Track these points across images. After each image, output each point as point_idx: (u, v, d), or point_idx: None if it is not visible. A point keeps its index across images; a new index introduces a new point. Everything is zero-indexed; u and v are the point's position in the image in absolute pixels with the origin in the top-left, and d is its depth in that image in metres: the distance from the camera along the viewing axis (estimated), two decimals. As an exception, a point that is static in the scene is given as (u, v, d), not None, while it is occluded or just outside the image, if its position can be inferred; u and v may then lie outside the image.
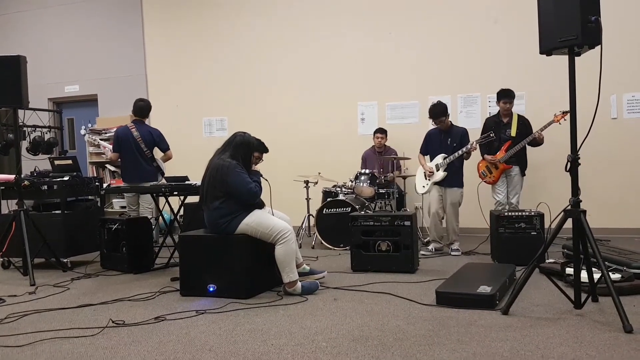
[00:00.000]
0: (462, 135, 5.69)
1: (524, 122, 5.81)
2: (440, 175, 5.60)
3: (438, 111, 5.63)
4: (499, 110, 5.88)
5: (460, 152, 5.51)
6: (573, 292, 3.33)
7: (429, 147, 5.86)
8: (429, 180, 5.70)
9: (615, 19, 6.24)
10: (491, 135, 5.55)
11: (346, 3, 7.58)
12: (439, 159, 5.67)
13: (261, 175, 4.20)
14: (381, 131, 6.88)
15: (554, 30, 3.16)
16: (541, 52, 3.30)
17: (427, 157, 5.89)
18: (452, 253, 5.58)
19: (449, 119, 5.75)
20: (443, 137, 5.72)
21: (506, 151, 5.70)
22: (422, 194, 5.90)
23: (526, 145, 5.72)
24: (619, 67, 6.37)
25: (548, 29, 3.21)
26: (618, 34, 6.30)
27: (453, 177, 5.62)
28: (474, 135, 5.84)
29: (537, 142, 5.69)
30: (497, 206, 5.80)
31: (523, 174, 5.87)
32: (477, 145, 5.55)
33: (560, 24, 3.12)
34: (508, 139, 5.75)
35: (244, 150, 4.09)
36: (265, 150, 4.52)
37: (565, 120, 5.28)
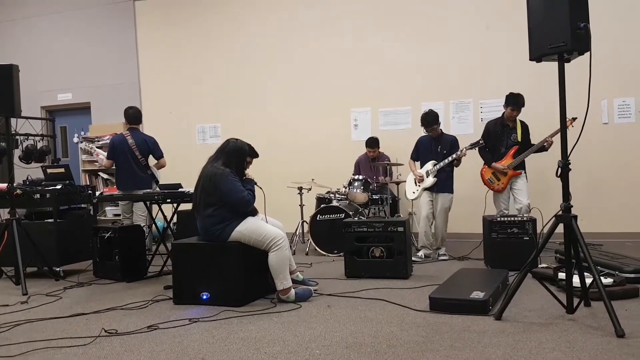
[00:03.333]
0: (452, 142, 5.72)
1: (526, 128, 5.70)
2: (430, 181, 5.64)
3: (430, 119, 5.67)
4: (503, 114, 5.69)
5: (450, 158, 5.55)
6: (565, 297, 3.35)
7: (420, 153, 5.89)
8: (419, 186, 5.73)
9: (605, 25, 6.29)
10: (480, 142, 5.54)
11: (339, 10, 7.61)
12: (429, 165, 5.71)
13: (255, 183, 4.20)
14: (371, 145, 6.78)
15: (543, 37, 3.19)
16: (531, 59, 3.33)
17: (418, 164, 5.91)
18: (440, 258, 5.63)
19: (440, 128, 5.79)
20: (433, 145, 5.76)
21: (514, 157, 5.55)
22: (412, 199, 5.91)
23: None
24: (609, 72, 6.42)
25: (537, 35, 3.24)
26: (608, 39, 6.34)
27: (444, 183, 5.66)
28: (464, 142, 5.83)
29: (545, 148, 5.52)
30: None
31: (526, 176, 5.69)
32: (467, 151, 5.55)
33: (550, 31, 3.15)
34: (515, 143, 5.60)
35: (237, 157, 4.09)
36: (255, 155, 4.51)
37: (573, 126, 5.04)
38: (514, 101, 5.58)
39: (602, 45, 5.92)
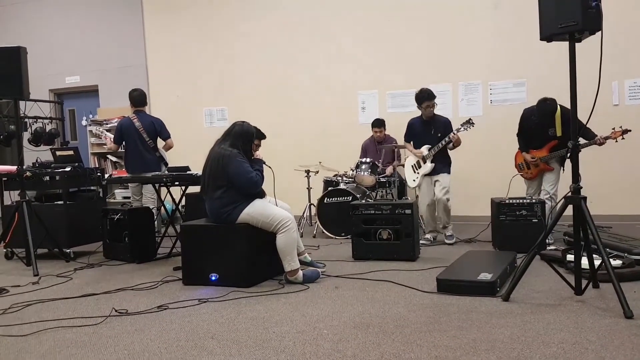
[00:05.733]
0: (445, 124, 5.56)
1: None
2: (428, 167, 5.54)
3: (424, 95, 5.44)
4: None
5: (443, 142, 5.42)
6: (574, 279, 3.34)
7: (413, 136, 5.75)
8: (418, 173, 5.67)
9: (617, 4, 6.19)
10: (470, 121, 5.32)
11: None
12: (424, 150, 5.58)
13: (264, 163, 4.19)
14: (378, 125, 6.77)
15: (554, 16, 3.14)
16: (541, 39, 3.29)
17: (412, 144, 5.79)
18: (447, 241, 5.53)
19: (433, 110, 5.57)
20: (426, 127, 5.61)
21: (550, 151, 5.18)
22: (414, 187, 5.86)
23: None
24: (620, 53, 6.33)
25: (548, 15, 3.19)
26: (620, 19, 6.25)
27: (440, 165, 5.55)
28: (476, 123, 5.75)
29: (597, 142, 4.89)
30: None
31: (562, 167, 5.28)
32: (458, 134, 5.37)
33: (561, 10, 3.10)
34: (553, 138, 5.15)
35: (243, 139, 4.08)
36: (263, 136, 4.51)
37: (623, 139, 4.83)
38: (539, 110, 5.12)
39: (613, 25, 5.84)
